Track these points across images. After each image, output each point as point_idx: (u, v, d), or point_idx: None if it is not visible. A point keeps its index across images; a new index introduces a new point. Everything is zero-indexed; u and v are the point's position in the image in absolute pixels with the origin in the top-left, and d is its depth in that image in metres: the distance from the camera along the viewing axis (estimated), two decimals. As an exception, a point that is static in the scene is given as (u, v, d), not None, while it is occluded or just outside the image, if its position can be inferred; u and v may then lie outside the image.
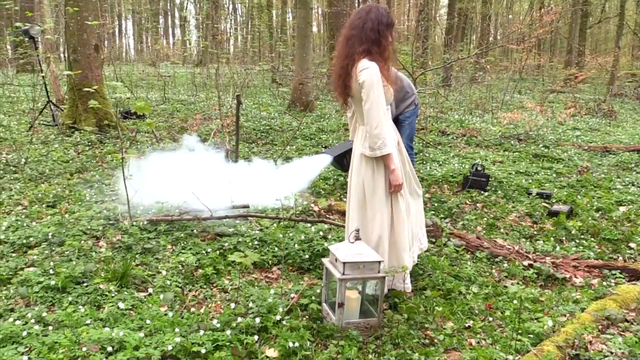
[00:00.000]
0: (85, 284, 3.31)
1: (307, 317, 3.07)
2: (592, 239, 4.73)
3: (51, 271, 3.38)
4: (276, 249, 4.02)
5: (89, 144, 7.40)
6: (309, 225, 4.43)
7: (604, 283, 3.74)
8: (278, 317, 2.95)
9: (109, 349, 2.58)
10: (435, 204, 5.53)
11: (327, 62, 15.57)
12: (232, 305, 3.06)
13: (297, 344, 2.68)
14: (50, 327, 2.79)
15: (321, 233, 4.26)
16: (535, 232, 4.93)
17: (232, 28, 31.05)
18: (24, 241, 3.89)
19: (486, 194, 5.95)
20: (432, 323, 3.12)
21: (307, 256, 3.93)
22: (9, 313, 2.97)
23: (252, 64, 20.40)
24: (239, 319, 2.86)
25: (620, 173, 7.11)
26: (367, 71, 3.06)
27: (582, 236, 4.80)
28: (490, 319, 3.23)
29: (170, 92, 14.32)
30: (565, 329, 2.93)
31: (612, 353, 2.74)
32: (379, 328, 3.00)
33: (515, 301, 3.41)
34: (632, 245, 4.63)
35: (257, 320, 2.85)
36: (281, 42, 18.10)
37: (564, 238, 4.79)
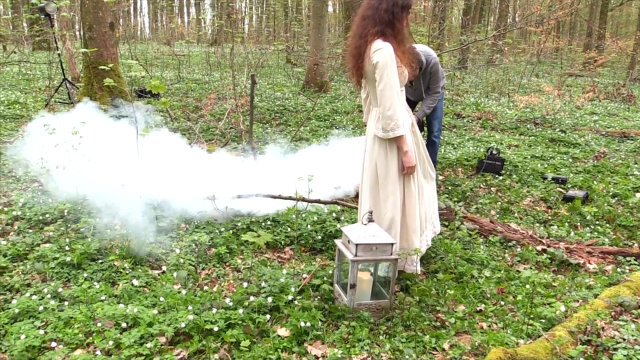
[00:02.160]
0: (100, 261, 3.35)
1: (318, 297, 3.09)
2: (608, 225, 4.68)
3: (67, 248, 3.42)
4: (289, 229, 4.03)
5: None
6: (322, 206, 4.44)
7: (619, 269, 3.72)
8: (290, 297, 2.97)
9: (124, 324, 2.62)
10: (449, 187, 5.50)
11: (342, 43, 15.43)
12: (245, 284, 3.09)
13: (308, 324, 2.70)
14: (66, 303, 2.83)
15: (334, 214, 4.26)
16: (549, 217, 4.88)
17: (247, 7, 30.84)
18: (40, 217, 3.94)
19: (501, 178, 5.90)
20: (444, 306, 3.12)
21: (319, 237, 3.94)
22: (25, 288, 3.02)
23: (267, 44, 20.29)
24: (252, 298, 2.88)
25: (638, 159, 7.00)
26: (381, 52, 3.03)
27: (597, 222, 4.75)
28: (502, 303, 3.22)
29: (185, 72, 14.32)
30: (578, 315, 2.91)
31: (624, 340, 2.73)
32: (390, 310, 3.00)
33: (527, 286, 3.40)
34: (648, 232, 4.58)
35: (270, 299, 2.87)
36: (296, 22, 17.95)
37: (578, 224, 4.75)
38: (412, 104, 5.30)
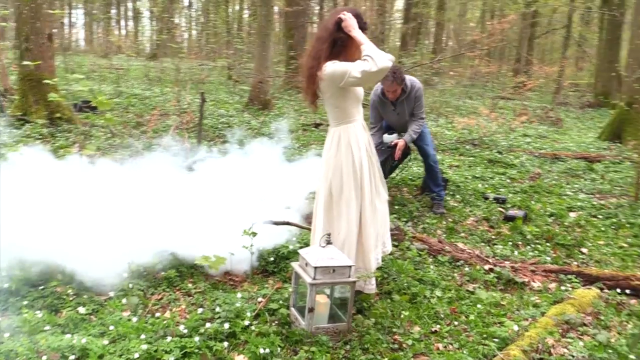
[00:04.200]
0: (41, 287, 3.15)
1: (275, 322, 3.03)
2: (547, 243, 4.88)
3: (4, 273, 3.20)
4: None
5: (40, 137, 7.08)
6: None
7: (561, 287, 3.87)
8: (246, 322, 2.90)
9: (71, 357, 2.47)
10: (397, 207, 5.58)
11: (284, 61, 15.50)
12: (200, 310, 2.99)
13: (267, 350, 2.65)
14: (6, 334, 2.64)
15: (287, 235, 4.22)
16: (493, 237, 5.04)
17: (187, 22, 30.50)
18: None
19: (445, 197, 6.05)
20: (400, 327, 3.14)
21: (272, 259, 3.89)
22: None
23: (208, 60, 20.08)
24: (207, 325, 2.79)
25: (570, 180, 7.37)
26: (331, 65, 3.07)
27: (537, 241, 4.95)
28: (456, 323, 3.28)
29: (124, 86, 13.91)
30: (529, 333, 3.01)
31: (573, 357, 2.84)
32: (348, 333, 2.99)
33: (479, 305, 3.48)
34: (584, 250, 4.81)
35: (226, 325, 2.79)
36: (239, 39, 17.91)
37: (520, 243, 4.93)
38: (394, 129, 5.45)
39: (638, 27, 9.10)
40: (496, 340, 3.03)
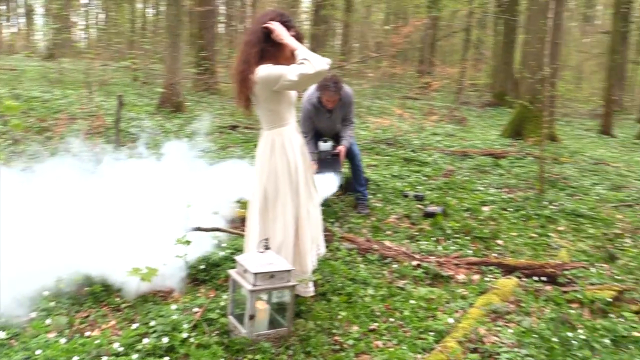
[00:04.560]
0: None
1: (214, 332, 2.95)
2: (466, 237, 5.12)
3: None
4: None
5: None
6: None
7: (485, 279, 4.07)
8: (185, 335, 2.80)
9: (-5, 387, 2.26)
10: (322, 208, 5.61)
11: (194, 62, 15.12)
12: (133, 325, 2.84)
13: (210, 362, 2.57)
14: None
15: (216, 241, 4.12)
16: (415, 233, 5.21)
17: (86, 20, 28.92)
18: None
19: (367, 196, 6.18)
20: (339, 328, 3.17)
21: (202, 267, 3.78)
22: None
23: (111, 60, 19.18)
24: (144, 340, 2.66)
25: (480, 175, 7.79)
26: (264, 68, 3.04)
27: (457, 235, 5.17)
28: (392, 319, 3.35)
29: (20, 88, 12.94)
30: (462, 325, 3.15)
31: (504, 344, 2.99)
32: (289, 337, 2.97)
33: (411, 301, 3.58)
34: (500, 242, 5.10)
35: (165, 339, 2.67)
36: (146, 39, 17.26)
37: (441, 237, 5.13)
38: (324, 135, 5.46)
39: (535, 32, 9.79)
40: (432, 333, 3.13)
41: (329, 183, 5.08)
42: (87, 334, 2.82)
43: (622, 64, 18.92)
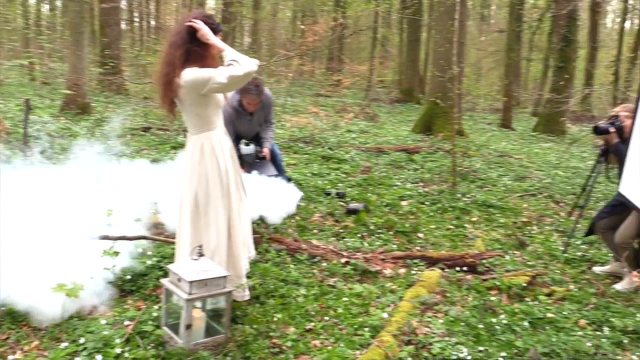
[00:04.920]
0: None
1: (149, 344, 2.85)
2: (389, 232, 5.28)
3: None
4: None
5: None
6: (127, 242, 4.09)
7: (411, 272, 4.23)
8: (118, 350, 2.68)
9: None
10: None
11: (99, 61, 14.41)
12: (62, 344, 2.68)
13: (148, 377, 2.48)
14: None
15: (140, 250, 3.97)
16: (340, 230, 5.30)
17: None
18: None
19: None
20: (276, 331, 3.17)
21: (128, 277, 3.63)
22: None
23: (5, 59, 17.83)
24: (76, 359, 2.52)
25: (396, 171, 8.05)
26: (190, 72, 2.98)
27: (380, 231, 5.33)
28: (327, 318, 3.40)
29: None
30: (395, 318, 3.25)
31: (435, 334, 3.13)
32: (227, 344, 2.93)
33: (344, 298, 3.65)
34: (420, 235, 5.32)
35: (98, 357, 2.55)
36: (43, 37, 16.19)
37: (365, 234, 5.26)
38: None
39: (443, 32, 10.25)
40: (367, 329, 3.21)
41: (291, 192, 5.07)
42: (10, 357, 2.63)
43: (518, 62, 20.24)
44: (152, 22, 24.55)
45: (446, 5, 10.06)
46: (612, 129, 4.26)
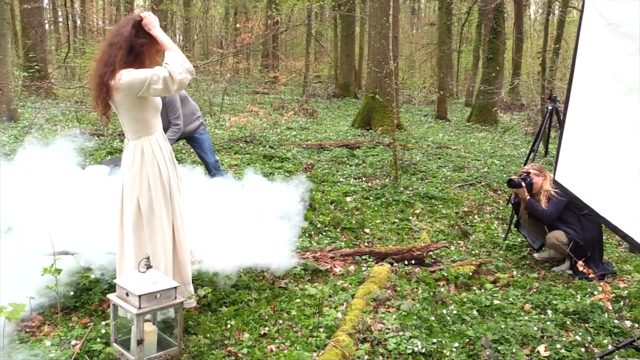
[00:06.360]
0: None
1: (99, 363, 2.74)
2: (336, 230, 5.31)
3: None
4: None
5: None
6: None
7: (361, 268, 4.27)
8: (67, 372, 2.56)
9: None
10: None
11: (22, 65, 13.70)
12: (4, 372, 2.54)
13: (101, 398, 2.39)
14: None
15: (83, 264, 3.80)
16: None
17: None
18: None
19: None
20: (230, 338, 3.12)
21: (71, 293, 3.48)
22: None
23: None
24: (22, 387, 2.39)
25: (338, 167, 8.10)
26: (127, 73, 2.88)
27: (327, 228, 5.35)
28: (281, 321, 3.38)
29: None
30: (349, 317, 3.27)
31: (389, 329, 3.18)
32: (180, 356, 2.86)
33: (296, 300, 3.64)
34: (367, 230, 5.38)
35: (47, 382, 2.43)
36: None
37: (312, 232, 5.26)
38: None
39: (378, 28, 10.38)
40: (322, 329, 3.22)
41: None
42: (-55, 391, 2.46)
43: (449, 54, 20.83)
44: (78, 22, 23.53)
45: (380, 1, 10.21)
46: (523, 184, 4.61)
